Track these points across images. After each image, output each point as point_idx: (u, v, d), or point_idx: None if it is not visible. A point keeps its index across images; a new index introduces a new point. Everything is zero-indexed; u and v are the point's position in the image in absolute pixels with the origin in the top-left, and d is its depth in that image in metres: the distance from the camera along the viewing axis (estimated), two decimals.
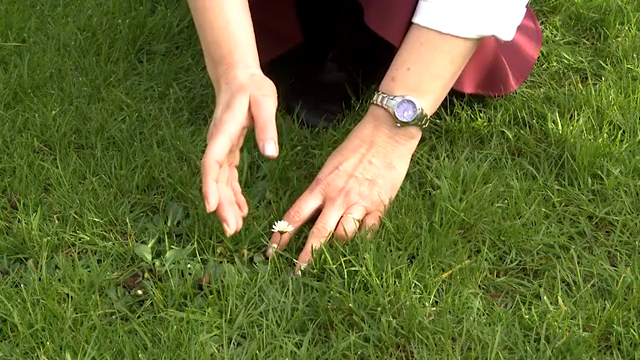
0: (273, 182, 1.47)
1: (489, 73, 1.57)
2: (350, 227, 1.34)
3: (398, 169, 1.40)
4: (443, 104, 1.58)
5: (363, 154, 1.39)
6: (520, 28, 1.65)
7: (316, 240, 1.33)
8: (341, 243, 1.33)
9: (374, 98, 1.41)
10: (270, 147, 1.28)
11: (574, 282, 1.30)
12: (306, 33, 1.67)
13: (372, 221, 1.37)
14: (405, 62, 1.39)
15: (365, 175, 1.38)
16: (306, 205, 1.37)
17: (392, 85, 1.39)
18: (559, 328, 1.21)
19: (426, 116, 1.39)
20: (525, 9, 1.43)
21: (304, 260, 1.31)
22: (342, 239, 1.34)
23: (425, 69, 1.38)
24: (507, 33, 1.41)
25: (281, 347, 1.20)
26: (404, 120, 1.38)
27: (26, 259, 1.34)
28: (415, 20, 1.39)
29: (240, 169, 1.48)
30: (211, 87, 1.66)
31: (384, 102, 1.39)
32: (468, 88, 1.56)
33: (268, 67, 1.71)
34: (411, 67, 1.39)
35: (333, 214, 1.36)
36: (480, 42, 1.42)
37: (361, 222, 1.36)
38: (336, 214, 1.36)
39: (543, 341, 1.20)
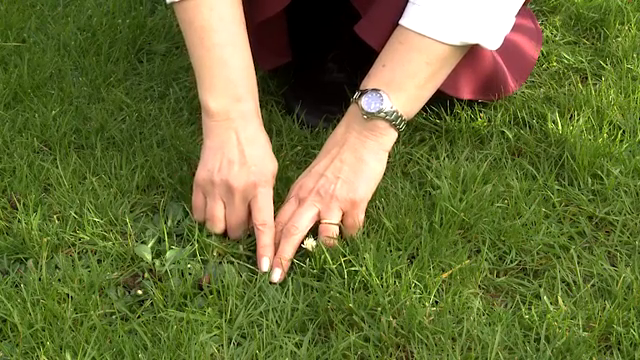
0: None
1: (487, 79, 1.56)
2: (332, 233, 1.33)
3: (370, 164, 1.37)
4: (443, 104, 1.59)
5: (335, 155, 1.38)
6: (520, 28, 1.66)
7: (286, 241, 1.32)
8: (342, 244, 1.33)
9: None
10: (266, 262, 1.32)
11: (574, 282, 1.30)
12: (305, 36, 1.67)
13: (351, 220, 1.35)
14: (381, 60, 1.39)
15: (336, 174, 1.36)
16: (284, 213, 1.36)
17: (366, 81, 1.39)
18: (559, 328, 1.21)
19: (401, 117, 1.36)
20: (514, 19, 1.41)
21: (278, 265, 1.31)
22: (329, 245, 1.32)
23: (399, 66, 1.37)
24: (493, 42, 1.39)
25: (281, 347, 1.20)
26: (370, 111, 1.36)
27: (26, 259, 1.34)
28: (401, 22, 1.38)
29: None
30: None
31: (356, 97, 1.38)
32: (466, 94, 1.55)
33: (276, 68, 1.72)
34: (386, 64, 1.38)
35: (303, 213, 1.34)
36: (467, 50, 1.40)
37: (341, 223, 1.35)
38: (307, 214, 1.34)
39: (543, 341, 1.20)
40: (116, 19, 1.90)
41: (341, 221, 1.35)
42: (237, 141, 1.35)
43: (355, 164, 1.36)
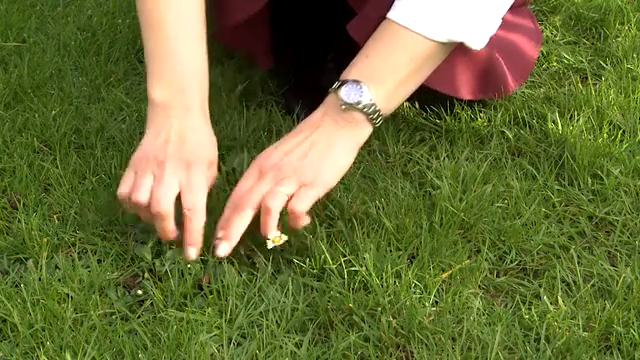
0: None
1: (485, 77, 1.56)
2: (275, 201, 1.29)
3: (340, 151, 1.34)
4: (443, 104, 1.59)
5: (306, 136, 1.35)
6: (520, 28, 1.65)
7: (238, 215, 1.29)
8: (342, 244, 1.33)
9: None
10: (192, 252, 1.30)
11: (574, 282, 1.30)
12: (305, 37, 1.67)
13: (304, 192, 1.30)
14: (365, 51, 1.37)
15: (304, 152, 1.33)
16: (242, 187, 1.32)
17: (348, 71, 1.37)
18: (559, 328, 1.21)
19: (379, 111, 1.34)
20: (500, 21, 1.40)
21: (227, 237, 1.28)
22: (267, 212, 1.29)
23: (382, 59, 1.35)
24: (478, 42, 1.38)
25: (281, 347, 1.20)
26: (348, 101, 1.33)
27: (26, 259, 1.34)
28: (388, 15, 1.37)
29: (240, 169, 1.48)
30: (211, 87, 1.67)
31: (335, 86, 1.36)
32: (465, 94, 1.55)
33: (268, 69, 1.73)
34: (369, 55, 1.36)
35: (259, 189, 1.30)
36: (451, 49, 1.39)
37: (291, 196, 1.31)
38: (263, 189, 1.30)
39: (543, 341, 1.20)
40: (116, 19, 1.90)
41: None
42: (178, 126, 1.33)
43: (325, 148, 1.34)
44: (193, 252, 1.30)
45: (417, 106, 1.63)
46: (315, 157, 1.33)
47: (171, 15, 1.36)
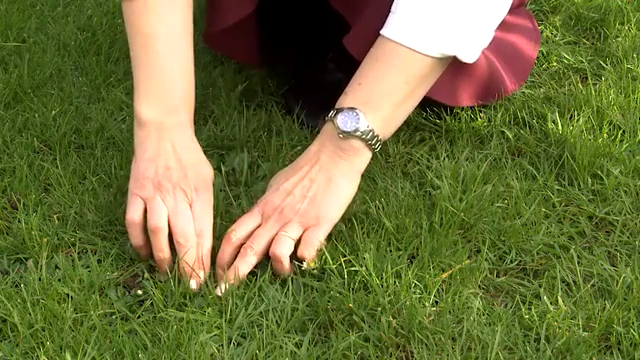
0: None
1: (484, 83, 1.55)
2: (283, 247, 1.29)
3: (340, 185, 1.33)
4: (443, 105, 1.59)
5: (306, 172, 1.34)
6: (518, 28, 1.66)
7: (242, 260, 1.29)
8: (342, 244, 1.33)
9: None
10: (201, 275, 1.29)
11: (574, 282, 1.30)
12: (305, 36, 1.67)
13: (309, 235, 1.30)
14: (358, 77, 1.36)
15: (304, 192, 1.32)
16: (243, 224, 1.32)
17: (343, 99, 1.36)
18: (559, 328, 1.21)
19: (377, 136, 1.33)
20: (493, 34, 1.40)
21: (230, 279, 1.27)
22: (277, 260, 1.29)
23: (376, 85, 1.34)
24: (470, 55, 1.37)
25: (281, 347, 1.20)
26: (346, 130, 1.32)
27: (26, 259, 1.34)
28: (381, 32, 1.35)
29: (240, 169, 1.48)
30: (211, 87, 1.67)
31: (331, 115, 1.35)
32: (465, 102, 1.54)
33: (268, 69, 1.73)
34: (362, 82, 1.35)
35: (263, 234, 1.30)
36: (446, 65, 1.37)
37: (299, 240, 1.30)
38: (267, 234, 1.30)
39: (543, 341, 1.20)
40: (116, 19, 1.90)
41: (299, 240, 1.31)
42: (172, 149, 1.32)
43: (325, 184, 1.33)
44: (202, 275, 1.29)
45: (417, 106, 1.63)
46: (316, 196, 1.32)
47: (162, 30, 1.34)
